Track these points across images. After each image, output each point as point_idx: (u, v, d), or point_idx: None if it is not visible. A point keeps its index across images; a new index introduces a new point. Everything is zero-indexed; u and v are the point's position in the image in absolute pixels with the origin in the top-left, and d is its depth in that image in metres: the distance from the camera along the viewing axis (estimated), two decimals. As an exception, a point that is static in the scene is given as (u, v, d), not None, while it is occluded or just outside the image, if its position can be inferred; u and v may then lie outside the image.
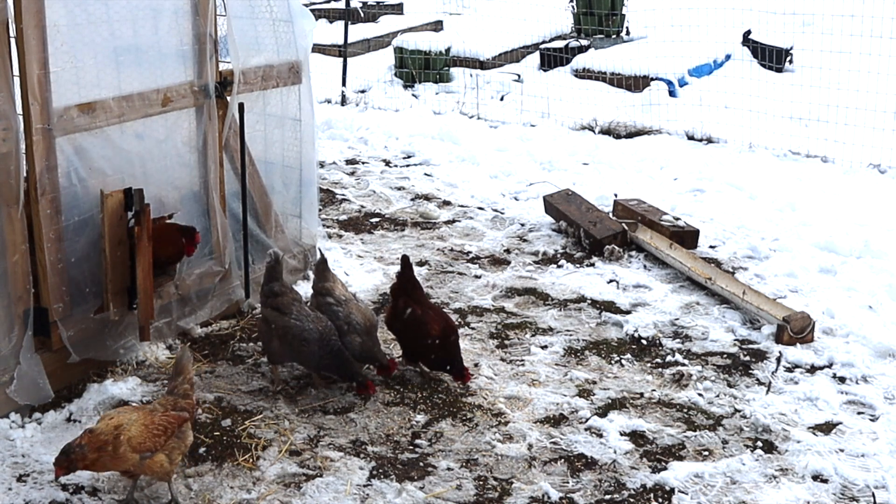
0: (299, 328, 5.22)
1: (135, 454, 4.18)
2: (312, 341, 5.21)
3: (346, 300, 5.55)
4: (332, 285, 5.64)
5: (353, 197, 9.11)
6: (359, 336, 5.42)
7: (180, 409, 4.41)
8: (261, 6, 6.20)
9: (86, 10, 5.09)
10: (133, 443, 4.17)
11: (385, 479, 4.62)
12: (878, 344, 5.97)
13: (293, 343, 5.23)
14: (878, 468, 4.77)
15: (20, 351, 4.93)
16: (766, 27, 14.01)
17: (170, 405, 4.42)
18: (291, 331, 5.23)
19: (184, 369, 4.55)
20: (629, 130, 11.17)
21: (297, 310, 5.30)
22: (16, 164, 4.75)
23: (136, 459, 4.18)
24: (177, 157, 5.83)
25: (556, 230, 8.08)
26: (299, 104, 6.57)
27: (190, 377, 4.56)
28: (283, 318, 5.26)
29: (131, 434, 4.18)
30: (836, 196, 8.76)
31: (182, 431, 4.38)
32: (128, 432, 4.18)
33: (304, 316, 5.28)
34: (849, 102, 10.55)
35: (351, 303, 5.55)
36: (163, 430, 4.27)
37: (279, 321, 5.27)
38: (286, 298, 5.35)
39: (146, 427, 4.24)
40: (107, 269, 5.24)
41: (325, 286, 5.63)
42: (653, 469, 4.75)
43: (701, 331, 6.27)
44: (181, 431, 4.37)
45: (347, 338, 5.39)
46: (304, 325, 5.23)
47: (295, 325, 5.23)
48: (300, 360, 5.37)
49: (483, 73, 13.96)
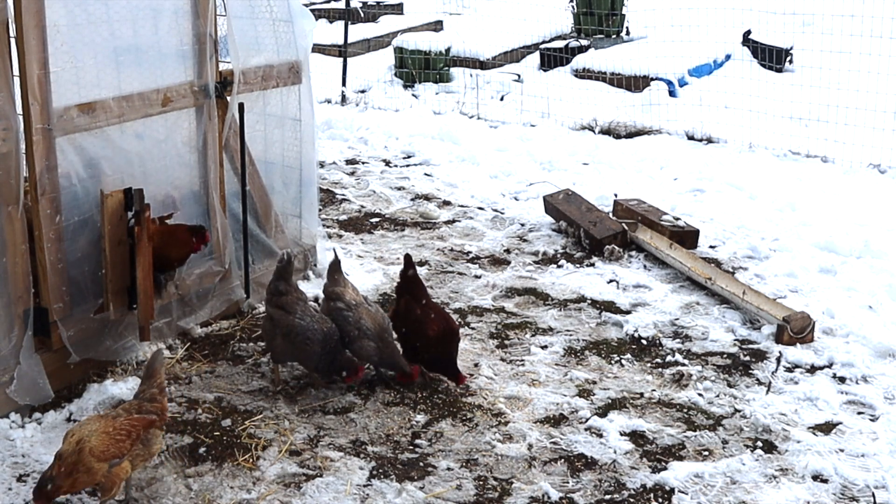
0: (303, 327, 5.25)
1: (102, 463, 4.06)
2: (316, 341, 5.23)
3: (356, 304, 5.49)
4: (342, 290, 5.57)
5: (353, 197, 9.11)
6: (371, 341, 5.35)
7: (146, 413, 4.31)
8: (261, 6, 6.20)
9: (86, 10, 5.09)
10: (96, 452, 4.05)
11: (385, 479, 4.62)
12: (878, 344, 5.98)
13: (296, 342, 5.25)
14: (878, 468, 4.77)
15: (20, 351, 4.93)
16: (766, 27, 14.01)
17: (134, 409, 4.32)
18: (295, 329, 5.25)
19: (154, 373, 4.45)
20: (629, 130, 11.17)
21: (301, 309, 5.33)
22: (16, 163, 4.75)
23: (104, 469, 4.07)
24: (177, 157, 5.83)
25: (556, 230, 8.08)
26: (299, 104, 6.57)
27: (160, 381, 4.45)
28: (288, 317, 5.29)
29: (92, 444, 4.06)
30: (836, 196, 8.76)
31: (148, 437, 4.27)
32: (89, 443, 4.06)
33: (308, 315, 5.31)
34: (849, 102, 10.55)
35: (361, 307, 5.48)
36: (126, 435, 4.15)
37: (284, 320, 5.30)
38: (291, 297, 5.37)
39: (107, 434, 4.11)
40: (107, 269, 5.24)
41: (336, 290, 5.56)
42: (653, 469, 4.75)
43: (701, 331, 6.27)
44: (147, 437, 4.26)
45: (358, 343, 5.34)
46: (309, 324, 5.26)
47: (299, 325, 5.26)
48: (302, 360, 5.38)
49: (483, 73, 13.96)
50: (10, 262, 4.84)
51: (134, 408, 4.34)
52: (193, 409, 5.17)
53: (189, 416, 5.09)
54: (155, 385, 4.43)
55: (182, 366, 5.63)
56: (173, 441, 4.86)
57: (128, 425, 4.20)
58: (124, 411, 4.32)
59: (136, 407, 4.35)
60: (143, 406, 4.35)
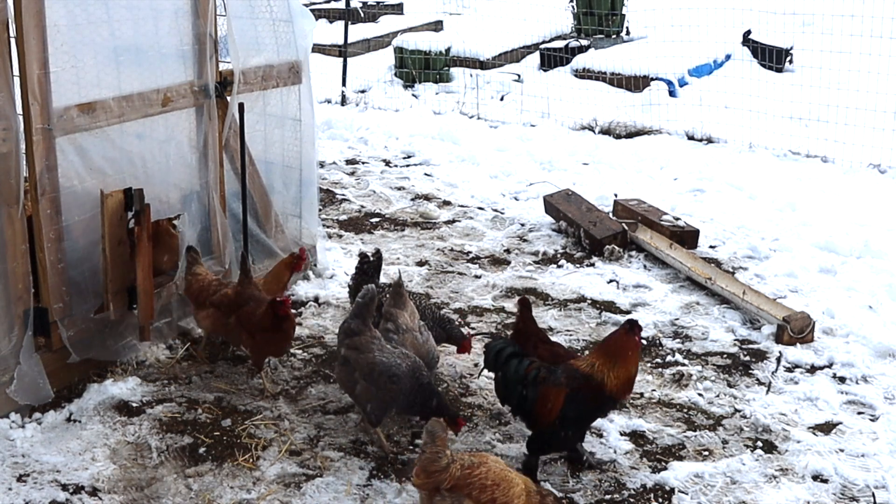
0: (385, 364, 4.70)
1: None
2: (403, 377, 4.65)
3: (405, 329, 5.08)
4: (398, 311, 5.21)
5: (353, 197, 9.11)
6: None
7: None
8: (261, 6, 6.20)
9: (86, 11, 5.10)
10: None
11: (385, 479, 4.62)
12: (878, 344, 5.97)
13: (380, 382, 4.69)
14: (878, 468, 4.77)
15: (20, 351, 4.94)
16: (766, 27, 14.00)
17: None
18: (377, 368, 4.70)
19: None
20: (629, 130, 11.17)
21: (378, 347, 4.78)
22: (16, 164, 4.75)
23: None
24: (177, 157, 5.83)
25: (556, 230, 8.08)
26: (299, 104, 6.57)
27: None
28: (366, 356, 4.75)
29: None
30: (836, 196, 8.76)
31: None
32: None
33: (387, 351, 4.76)
34: (849, 102, 10.55)
35: (408, 334, 5.07)
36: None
37: (362, 359, 4.76)
38: (365, 338, 4.82)
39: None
40: (107, 269, 5.25)
41: (392, 311, 5.21)
42: (653, 469, 4.75)
43: (701, 331, 6.27)
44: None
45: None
46: (391, 360, 4.70)
47: (380, 362, 4.72)
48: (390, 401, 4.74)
49: (483, 73, 13.96)
50: (10, 262, 4.84)
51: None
52: (193, 409, 5.16)
53: (189, 416, 5.09)
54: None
55: (182, 366, 5.63)
56: (173, 441, 4.86)
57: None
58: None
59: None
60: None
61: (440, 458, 3.90)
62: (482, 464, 3.95)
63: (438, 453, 3.90)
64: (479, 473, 3.90)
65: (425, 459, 3.91)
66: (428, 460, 3.90)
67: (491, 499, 3.87)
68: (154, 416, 5.07)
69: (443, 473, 3.88)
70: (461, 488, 3.88)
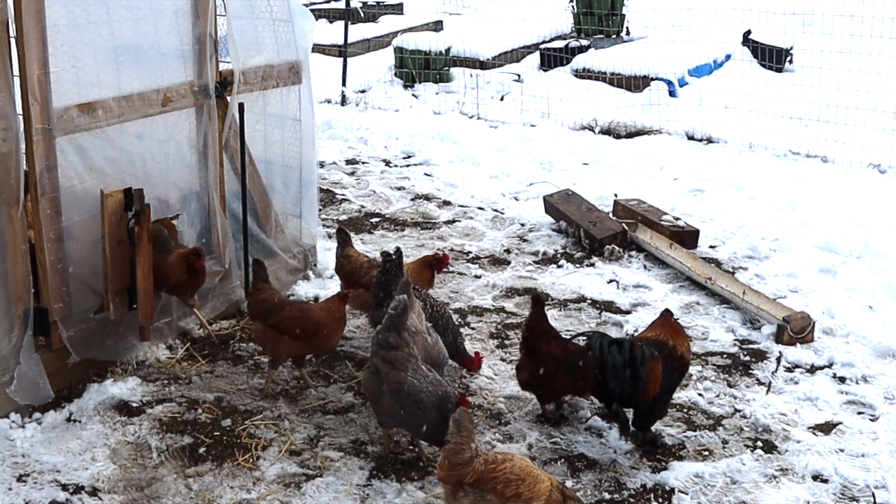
0: (416, 388, 4.55)
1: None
2: (430, 406, 4.52)
3: (415, 332, 4.96)
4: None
5: (353, 197, 9.11)
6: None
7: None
8: (261, 6, 6.20)
9: (86, 11, 5.10)
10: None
11: (385, 479, 4.62)
12: (878, 344, 5.97)
13: (406, 404, 4.57)
14: (878, 468, 4.77)
15: (20, 351, 4.93)
16: (766, 27, 14.00)
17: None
18: (405, 389, 4.57)
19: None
20: (629, 130, 11.18)
21: (413, 367, 4.64)
22: (16, 164, 4.75)
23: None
24: (177, 157, 5.84)
25: (556, 230, 8.08)
26: (299, 104, 6.57)
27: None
28: (399, 374, 4.60)
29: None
30: (836, 196, 8.76)
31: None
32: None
33: (420, 374, 4.62)
34: (849, 102, 10.55)
35: (419, 336, 4.97)
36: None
37: (393, 375, 4.61)
38: (402, 353, 4.66)
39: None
40: (107, 269, 5.24)
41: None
42: (653, 469, 4.75)
43: (701, 331, 6.27)
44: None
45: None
46: (423, 385, 4.56)
47: (411, 383, 4.57)
48: (409, 425, 4.67)
49: (483, 73, 13.96)
50: (10, 262, 4.84)
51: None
52: (193, 409, 5.16)
53: (189, 416, 5.09)
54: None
55: (182, 366, 5.63)
56: (173, 441, 4.86)
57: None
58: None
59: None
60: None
61: (464, 449, 3.86)
62: (508, 460, 3.93)
63: (463, 444, 3.87)
64: (504, 468, 3.87)
65: (449, 450, 3.87)
66: (452, 451, 3.87)
67: (516, 493, 3.83)
68: (154, 416, 5.07)
69: (466, 467, 3.85)
70: (485, 482, 3.84)
